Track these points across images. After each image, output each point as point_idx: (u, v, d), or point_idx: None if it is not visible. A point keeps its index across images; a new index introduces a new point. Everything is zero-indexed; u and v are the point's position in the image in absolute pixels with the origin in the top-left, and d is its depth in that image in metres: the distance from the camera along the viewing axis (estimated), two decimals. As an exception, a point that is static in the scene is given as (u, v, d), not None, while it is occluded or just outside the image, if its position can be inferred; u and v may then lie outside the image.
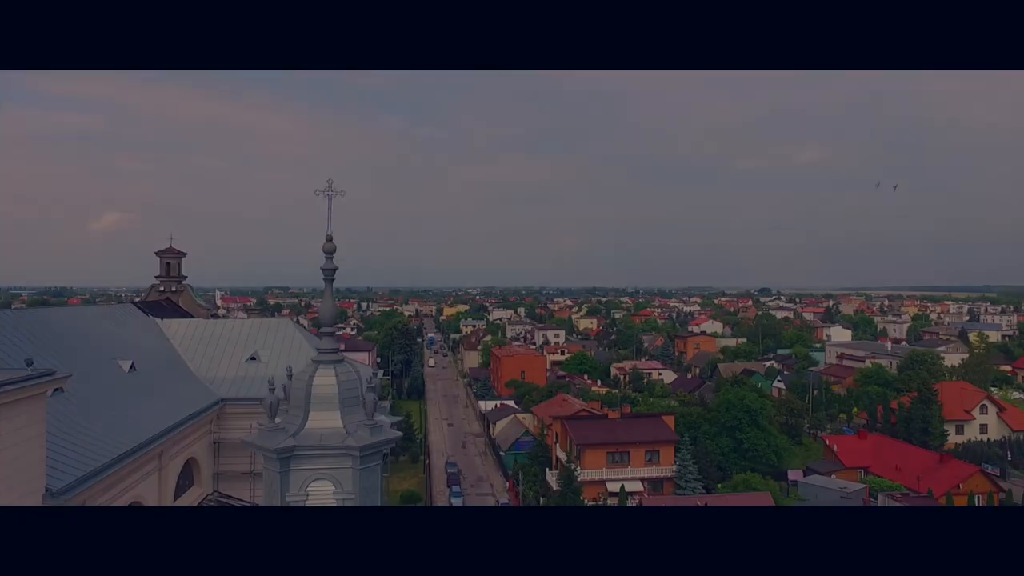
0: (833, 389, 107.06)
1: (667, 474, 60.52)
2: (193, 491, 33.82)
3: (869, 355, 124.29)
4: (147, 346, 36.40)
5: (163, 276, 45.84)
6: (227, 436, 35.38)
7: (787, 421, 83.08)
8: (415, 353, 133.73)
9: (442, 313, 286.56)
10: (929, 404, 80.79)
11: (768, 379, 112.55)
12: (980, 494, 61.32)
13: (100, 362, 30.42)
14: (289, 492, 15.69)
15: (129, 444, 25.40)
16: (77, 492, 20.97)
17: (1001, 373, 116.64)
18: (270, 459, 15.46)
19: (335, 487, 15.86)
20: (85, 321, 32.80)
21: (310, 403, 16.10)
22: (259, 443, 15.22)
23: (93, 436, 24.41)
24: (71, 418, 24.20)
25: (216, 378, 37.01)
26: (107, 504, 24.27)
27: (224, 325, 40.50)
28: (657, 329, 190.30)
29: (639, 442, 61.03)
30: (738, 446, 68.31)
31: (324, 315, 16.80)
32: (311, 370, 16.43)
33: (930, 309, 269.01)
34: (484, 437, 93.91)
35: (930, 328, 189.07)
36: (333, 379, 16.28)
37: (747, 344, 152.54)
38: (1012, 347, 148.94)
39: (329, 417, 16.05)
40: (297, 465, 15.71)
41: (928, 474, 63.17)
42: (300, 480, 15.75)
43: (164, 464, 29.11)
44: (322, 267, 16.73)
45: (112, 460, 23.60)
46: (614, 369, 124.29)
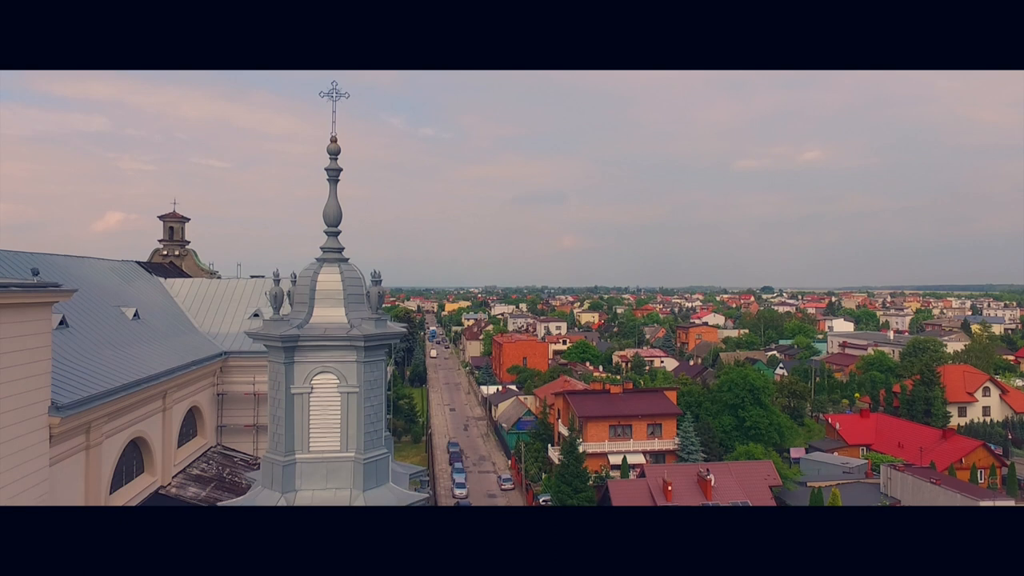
0: (835, 376, 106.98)
1: (669, 447, 60.49)
2: (196, 441, 33.90)
3: (871, 343, 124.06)
4: (150, 300, 36.48)
5: (166, 240, 45.88)
6: (231, 389, 35.46)
7: (789, 403, 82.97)
8: (417, 342, 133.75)
9: (443, 309, 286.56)
10: (932, 386, 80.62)
11: (770, 367, 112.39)
12: (983, 468, 61.23)
13: (104, 308, 30.50)
14: (294, 384, 15.76)
15: (133, 376, 25.48)
16: (82, 411, 21.05)
17: (1004, 361, 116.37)
18: (274, 349, 15.52)
19: (339, 380, 15.92)
20: (90, 270, 32.85)
21: (314, 299, 16.16)
22: (263, 332, 15.28)
23: (99, 366, 24.50)
24: (76, 351, 24.28)
25: (219, 333, 37.08)
26: (111, 434, 24.39)
27: (227, 284, 40.56)
28: (659, 322, 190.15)
29: (641, 415, 61.00)
30: (740, 424, 68.12)
31: (329, 215, 16.87)
32: (315, 267, 16.51)
33: (933, 305, 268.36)
34: (486, 420, 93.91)
35: (933, 321, 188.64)
36: (337, 276, 16.35)
37: (749, 335, 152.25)
38: (1015, 338, 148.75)
39: (334, 312, 16.12)
40: (302, 357, 15.77)
41: (931, 449, 63.09)
42: (304, 373, 15.81)
43: (168, 406, 29.18)
44: (327, 167, 16.84)
45: (117, 387, 23.69)
46: (616, 357, 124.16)
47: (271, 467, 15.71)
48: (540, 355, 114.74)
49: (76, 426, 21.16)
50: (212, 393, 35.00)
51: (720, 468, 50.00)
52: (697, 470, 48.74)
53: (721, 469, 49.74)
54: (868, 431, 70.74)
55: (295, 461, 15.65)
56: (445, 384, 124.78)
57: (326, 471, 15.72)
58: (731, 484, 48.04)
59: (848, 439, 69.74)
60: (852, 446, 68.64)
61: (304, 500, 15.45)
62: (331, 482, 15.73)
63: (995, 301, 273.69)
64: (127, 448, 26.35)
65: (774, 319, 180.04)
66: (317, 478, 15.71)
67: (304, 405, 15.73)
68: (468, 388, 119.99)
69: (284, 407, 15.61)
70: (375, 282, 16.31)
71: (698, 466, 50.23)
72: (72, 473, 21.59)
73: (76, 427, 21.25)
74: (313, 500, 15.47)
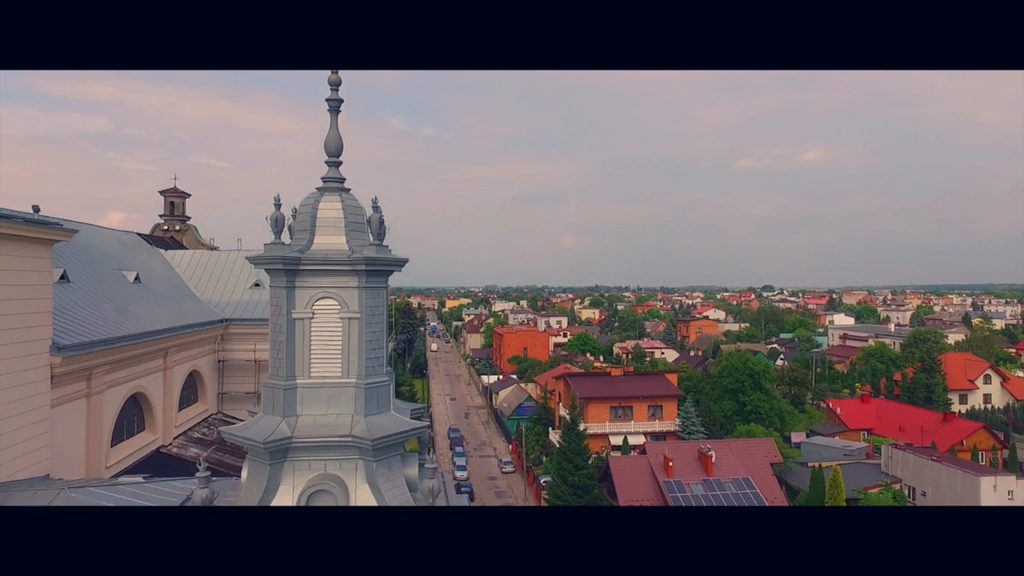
0: (836, 367, 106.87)
1: (670, 428, 60.44)
2: (198, 406, 33.91)
3: (872, 335, 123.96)
4: (151, 268, 36.50)
5: (167, 215, 45.88)
6: (231, 356, 35.46)
7: (790, 390, 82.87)
8: (417, 335, 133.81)
9: (444, 306, 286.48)
10: (933, 373, 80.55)
11: (771, 359, 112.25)
12: (984, 451, 61.19)
13: (105, 270, 30.51)
14: (295, 309, 15.76)
15: (134, 330, 25.50)
16: (83, 354, 21.07)
17: (1005, 353, 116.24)
18: (275, 273, 15.50)
19: (340, 306, 15.92)
20: (91, 235, 32.84)
21: (315, 227, 16.15)
22: (264, 255, 15.25)
23: (99, 318, 24.51)
24: (77, 303, 24.29)
25: (220, 302, 37.09)
26: (113, 385, 24.39)
27: (228, 255, 40.55)
28: (660, 318, 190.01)
29: (642, 396, 60.96)
30: (740, 408, 68.02)
31: (330, 145, 16.85)
32: (316, 196, 16.49)
33: (933, 302, 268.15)
34: (486, 408, 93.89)
35: (934, 316, 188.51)
36: (339, 204, 16.33)
37: (750, 328, 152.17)
38: (1016, 332, 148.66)
39: (335, 240, 16.11)
40: (303, 282, 15.76)
41: (932, 431, 63.01)
42: (306, 298, 15.80)
43: (169, 366, 29.18)
44: (327, 98, 16.82)
45: (117, 337, 23.70)
46: (617, 348, 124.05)
47: (272, 392, 15.71)
48: (541, 345, 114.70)
49: (77, 370, 21.17)
50: (213, 360, 35.01)
51: (721, 445, 49.96)
52: (698, 447, 48.72)
53: (722, 446, 49.71)
54: (869, 416, 70.68)
55: (296, 386, 15.64)
56: (445, 376, 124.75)
57: (327, 396, 15.71)
58: (732, 461, 48.00)
59: (849, 424, 69.67)
60: (853, 430, 68.58)
61: (305, 424, 15.44)
62: (332, 407, 15.73)
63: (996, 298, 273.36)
64: (129, 404, 26.35)
65: (775, 314, 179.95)
66: (318, 403, 15.71)
67: (305, 330, 15.72)
68: (468, 379, 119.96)
69: (285, 332, 15.62)
70: (375, 209, 16.29)
71: (699, 443, 50.19)
72: (73, 419, 21.59)
73: (77, 371, 21.26)
74: (315, 424, 15.45)
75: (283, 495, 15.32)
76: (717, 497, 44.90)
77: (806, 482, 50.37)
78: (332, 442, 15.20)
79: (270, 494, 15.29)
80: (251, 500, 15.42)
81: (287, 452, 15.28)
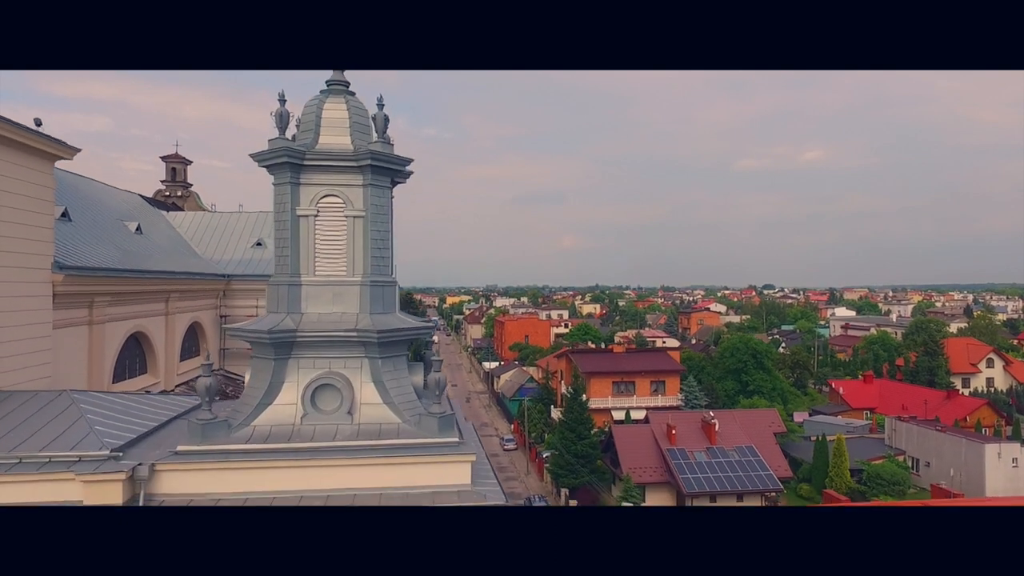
0: (838, 356, 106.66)
1: (673, 403, 60.21)
2: (199, 359, 33.75)
3: (874, 325, 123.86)
4: (154, 223, 36.37)
5: (168, 181, 45.76)
6: (234, 313, 35.31)
7: (792, 374, 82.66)
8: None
9: (444, 302, 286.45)
10: (935, 356, 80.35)
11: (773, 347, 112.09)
12: (987, 427, 60.97)
13: (107, 219, 30.37)
14: (299, 206, 15.59)
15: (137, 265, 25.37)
16: (84, 275, 20.94)
17: (1006, 342, 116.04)
18: (280, 169, 15.32)
19: (345, 204, 15.76)
20: (91, 187, 32.71)
21: (320, 126, 15.97)
22: (268, 150, 15.06)
23: (100, 253, 24.37)
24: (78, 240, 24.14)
25: (223, 260, 36.94)
26: (115, 319, 24.25)
27: (230, 216, 40.39)
28: (661, 311, 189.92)
29: (644, 372, 60.77)
30: (743, 388, 67.86)
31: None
32: (321, 98, 16.32)
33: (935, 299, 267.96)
34: (488, 393, 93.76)
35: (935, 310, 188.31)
36: (343, 105, 16.16)
37: (751, 320, 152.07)
38: (1018, 324, 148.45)
39: (339, 140, 15.93)
40: (307, 179, 15.60)
41: (936, 408, 62.83)
42: (310, 195, 15.63)
43: (171, 312, 29.03)
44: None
45: (118, 268, 23.59)
46: (618, 336, 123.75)
47: (276, 290, 15.54)
48: (542, 333, 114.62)
49: (79, 293, 21.05)
50: (215, 315, 34.87)
51: (725, 415, 49.79)
52: (701, 416, 48.54)
53: (726, 416, 49.53)
54: (872, 395, 70.49)
55: (300, 283, 15.48)
56: (447, 365, 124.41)
57: (332, 294, 15.54)
58: (735, 431, 47.81)
59: (852, 403, 69.47)
60: (856, 409, 68.39)
61: (310, 320, 15.27)
62: (337, 305, 15.56)
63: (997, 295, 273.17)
64: (131, 344, 26.21)
65: (776, 307, 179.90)
66: (323, 301, 15.54)
67: (310, 228, 15.55)
68: (470, 368, 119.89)
69: (289, 230, 15.45)
70: (379, 106, 16.13)
71: (702, 412, 50.01)
72: (75, 346, 21.46)
73: (79, 295, 21.13)
74: (320, 320, 15.28)
75: (287, 392, 15.13)
76: (721, 464, 44.71)
77: (809, 455, 50.19)
78: (337, 337, 14.98)
79: (274, 391, 15.10)
80: (255, 398, 15.24)
81: (291, 348, 15.07)
